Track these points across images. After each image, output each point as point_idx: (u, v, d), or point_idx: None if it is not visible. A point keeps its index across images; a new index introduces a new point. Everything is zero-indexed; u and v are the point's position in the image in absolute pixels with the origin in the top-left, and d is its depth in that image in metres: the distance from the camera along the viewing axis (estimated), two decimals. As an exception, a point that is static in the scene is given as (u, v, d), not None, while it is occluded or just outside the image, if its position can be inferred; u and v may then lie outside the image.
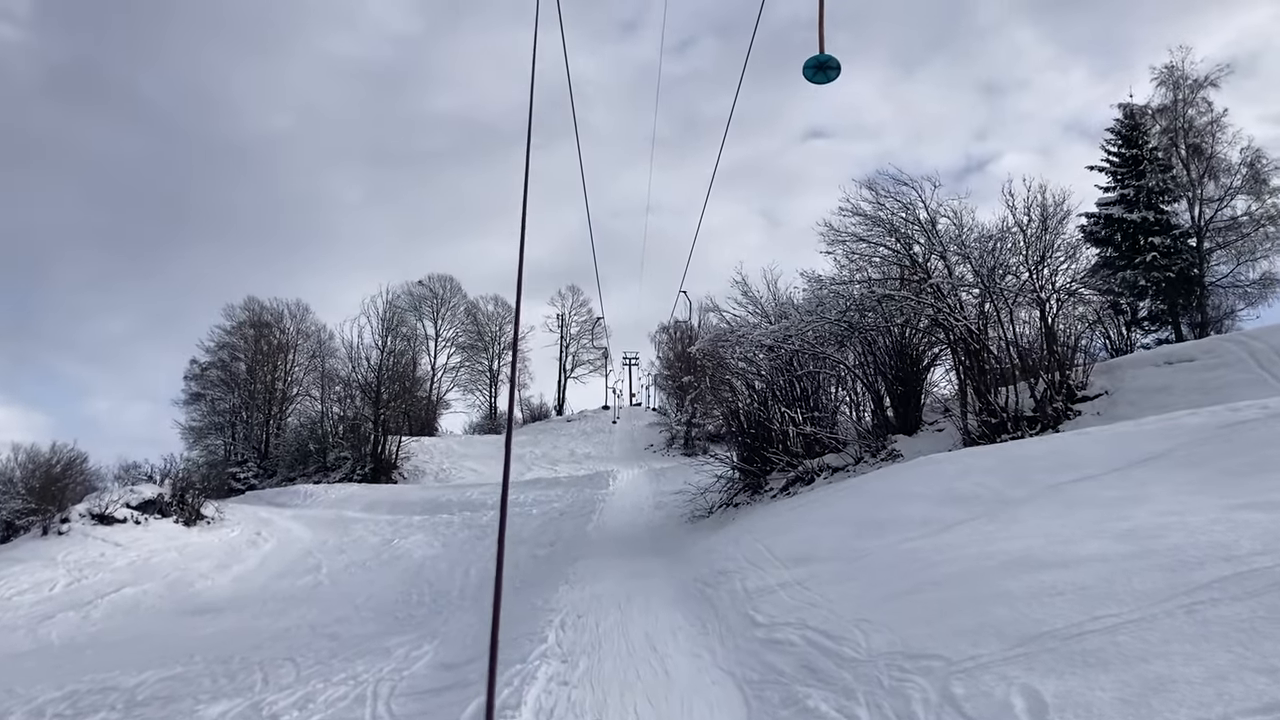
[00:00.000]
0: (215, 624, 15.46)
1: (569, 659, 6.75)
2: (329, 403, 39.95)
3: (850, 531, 8.64)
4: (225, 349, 43.77)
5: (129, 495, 23.42)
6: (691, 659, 6.59)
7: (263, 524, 24.99)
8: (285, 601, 16.82)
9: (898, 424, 14.24)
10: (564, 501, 23.39)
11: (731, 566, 9.20)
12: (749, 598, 7.84)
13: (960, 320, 12.83)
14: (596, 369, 60.40)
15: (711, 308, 16.16)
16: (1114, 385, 12.51)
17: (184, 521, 23.50)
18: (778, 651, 6.09)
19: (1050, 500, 7.52)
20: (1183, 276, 21.96)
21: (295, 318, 43.91)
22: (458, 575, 17.32)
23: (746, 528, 11.61)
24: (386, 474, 35.94)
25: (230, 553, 21.79)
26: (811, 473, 14.11)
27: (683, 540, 14.29)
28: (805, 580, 7.64)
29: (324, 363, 41.44)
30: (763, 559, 9.00)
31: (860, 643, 5.56)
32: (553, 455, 41.73)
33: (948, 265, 13.53)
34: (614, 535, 16.60)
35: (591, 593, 9.78)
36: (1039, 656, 4.25)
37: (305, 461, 38.39)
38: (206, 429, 42.31)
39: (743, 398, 16.11)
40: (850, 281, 14.15)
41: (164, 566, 19.89)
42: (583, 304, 60.53)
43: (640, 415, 52.16)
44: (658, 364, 52.17)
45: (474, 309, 58.36)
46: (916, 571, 6.62)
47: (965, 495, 8.32)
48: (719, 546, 10.96)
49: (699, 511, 16.30)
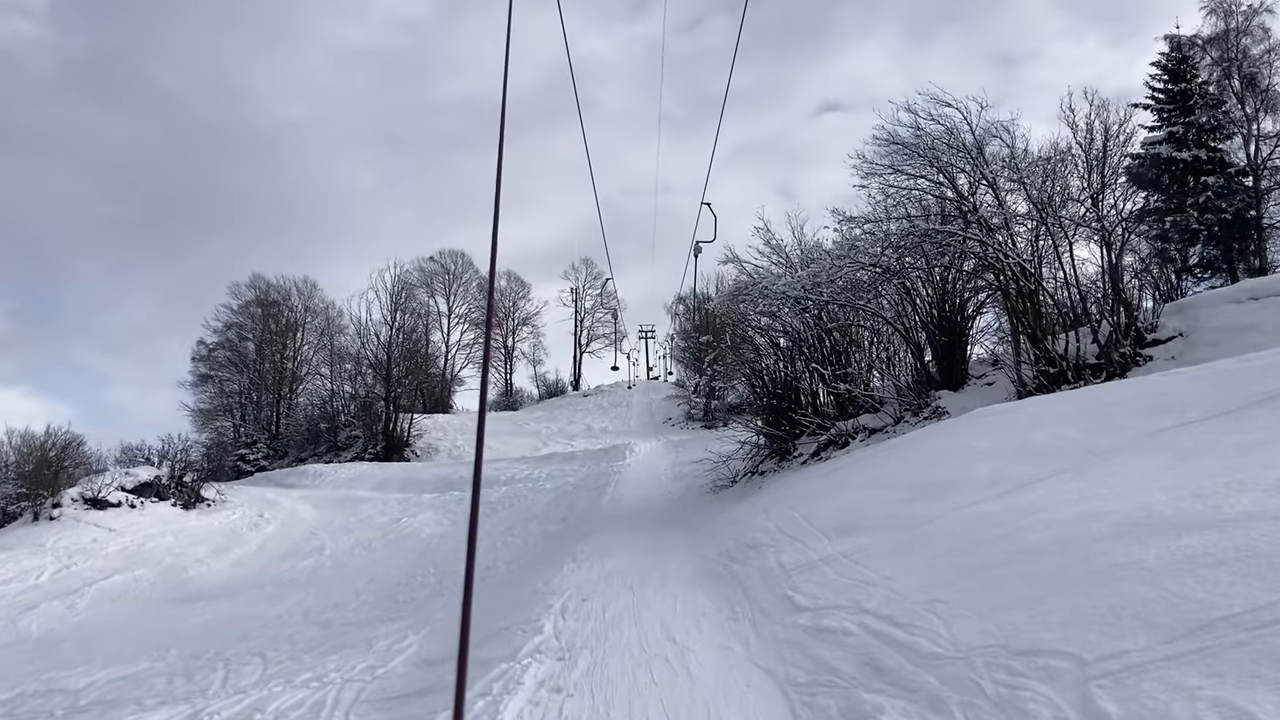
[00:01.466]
0: (205, 612, 14.65)
1: (567, 655, 5.48)
2: (339, 381, 38.90)
3: (902, 495, 7.31)
4: (233, 329, 42.77)
5: (124, 478, 22.47)
6: (719, 653, 5.31)
7: (267, 505, 24.13)
8: (283, 586, 16.06)
9: (941, 379, 12.84)
10: (578, 475, 22.20)
11: (762, 539, 7.90)
12: (786, 575, 6.55)
13: (1012, 256, 11.36)
14: (612, 343, 58.89)
15: (730, 258, 14.75)
16: (1188, 326, 11.07)
17: (182, 504, 22.63)
18: (829, 643, 4.80)
19: (1152, 450, 6.16)
20: (1239, 219, 20.27)
21: (303, 295, 42.82)
22: (462, 555, 16.33)
23: (776, 496, 10.29)
24: (399, 452, 34.93)
25: (230, 536, 20.98)
26: (845, 435, 12.78)
27: (704, 511, 13.02)
28: (853, 553, 6.34)
29: (333, 340, 40.35)
30: (799, 529, 7.69)
31: (940, 632, 4.26)
32: (569, 430, 40.56)
33: (998, 196, 12.04)
34: (629, 508, 15.33)
35: (601, 571, 8.51)
36: (1225, 655, 2.93)
37: (316, 441, 37.42)
38: (215, 411, 41.36)
39: (767, 356, 14.73)
40: (886, 219, 12.67)
41: (158, 552, 19.05)
42: (597, 277, 58.77)
43: (658, 389, 50.78)
44: (675, 336, 50.60)
45: (487, 284, 56.79)
46: (997, 539, 5.30)
47: (1041, 448, 6.97)
48: (746, 517, 9.66)
49: (721, 481, 15.00)
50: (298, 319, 42.36)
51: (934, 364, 13.13)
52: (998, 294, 12.44)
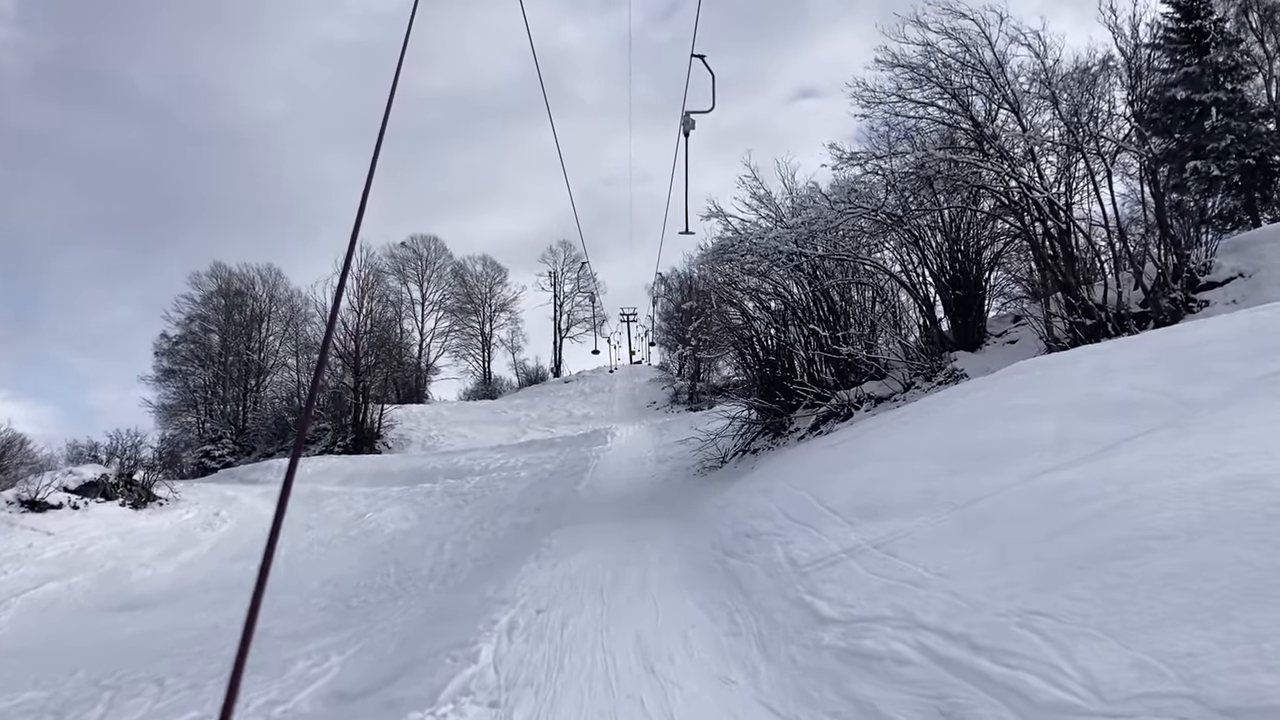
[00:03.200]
0: (139, 622, 13.37)
1: (503, 698, 3.93)
2: (305, 372, 37.07)
3: (940, 467, 5.78)
4: (196, 321, 40.79)
5: (66, 478, 20.77)
6: (717, 690, 3.77)
7: (225, 503, 22.57)
8: (229, 590, 14.77)
9: (955, 339, 11.31)
10: (556, 462, 20.71)
11: (764, 526, 6.36)
12: (800, 573, 5.01)
13: (1040, 191, 9.77)
14: (592, 328, 57.07)
15: (714, 212, 13.07)
16: (1250, 265, 9.59)
17: (131, 504, 20.99)
18: (877, 676, 3.28)
19: (1271, 397, 4.68)
20: (1262, 165, 18.81)
21: (268, 283, 40.80)
22: (429, 552, 15.14)
23: (777, 473, 8.72)
24: (369, 444, 33.25)
25: (182, 537, 19.50)
26: (847, 406, 11.28)
27: (692, 495, 11.50)
28: (888, 542, 4.81)
29: (297, 330, 38.45)
30: (810, 512, 6.15)
31: (1058, 665, 2.73)
32: (549, 418, 38.97)
33: (1021, 121, 10.39)
34: (608, 494, 13.75)
35: (567, 570, 6.95)
36: None
37: (284, 435, 35.67)
38: (179, 406, 39.43)
39: (757, 321, 13.14)
40: (890, 154, 10.96)
41: (100, 556, 17.55)
42: (575, 259, 56.80)
43: (641, 373, 49.12)
44: (655, 318, 48.85)
45: (461, 269, 54.74)
46: (1094, 520, 3.78)
47: (1119, 402, 5.45)
48: (741, 499, 8.11)
49: (710, 461, 13.46)
50: (263, 309, 40.42)
51: (946, 322, 11.59)
52: (1020, 239, 10.89)
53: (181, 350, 40.41)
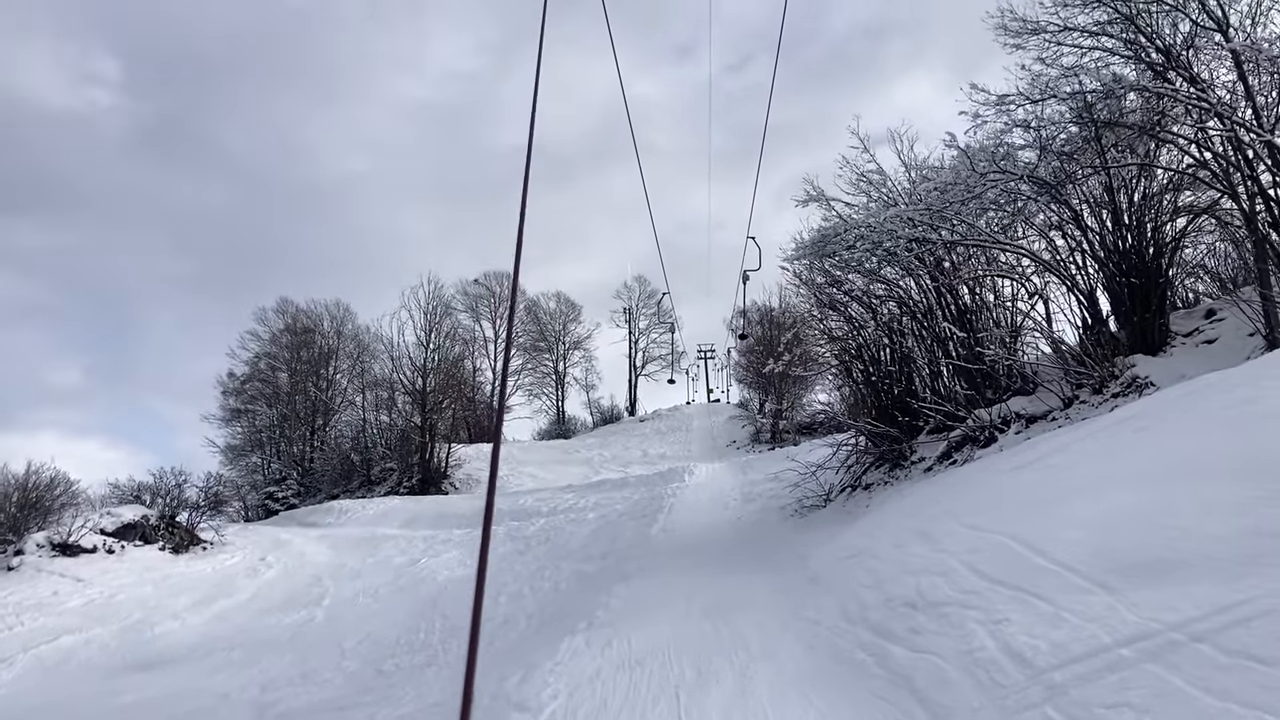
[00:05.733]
0: (151, 685, 11.94)
1: None
2: (374, 410, 35.74)
3: (1257, 490, 3.39)
4: (264, 359, 40.07)
5: (104, 520, 19.37)
6: None
7: (274, 547, 21.03)
8: (258, 647, 13.20)
9: (1128, 340, 8.69)
10: (628, 503, 18.55)
11: (941, 589, 4.03)
12: (1046, 685, 2.72)
13: (1259, 132, 7.18)
14: (669, 364, 54.82)
15: (814, 195, 10.73)
16: None
17: (171, 548, 19.51)
18: None
19: None
20: None
21: (335, 320, 39.80)
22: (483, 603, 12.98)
23: (920, 511, 6.31)
24: (436, 485, 31.66)
25: (221, 584, 17.92)
26: (988, 428, 8.83)
27: (793, 541, 9.15)
28: (1215, 630, 2.47)
29: (363, 367, 37.21)
30: (1023, 568, 3.81)
31: None
32: (624, 457, 36.91)
33: (1239, 63, 7.61)
34: (686, 540, 11.42)
35: (624, 653, 4.69)
36: None
37: (349, 476, 34.35)
38: (245, 447, 38.48)
39: (865, 329, 10.61)
40: (1048, 96, 8.27)
41: (128, 605, 16.02)
42: (651, 295, 54.82)
43: (719, 410, 46.71)
44: (735, 353, 46.38)
45: (534, 307, 53.28)
46: None
47: None
48: (879, 546, 5.74)
49: (810, 500, 11.07)
50: (330, 346, 39.41)
51: (1113, 318, 8.96)
52: (1214, 211, 8.30)
53: (249, 389, 39.68)
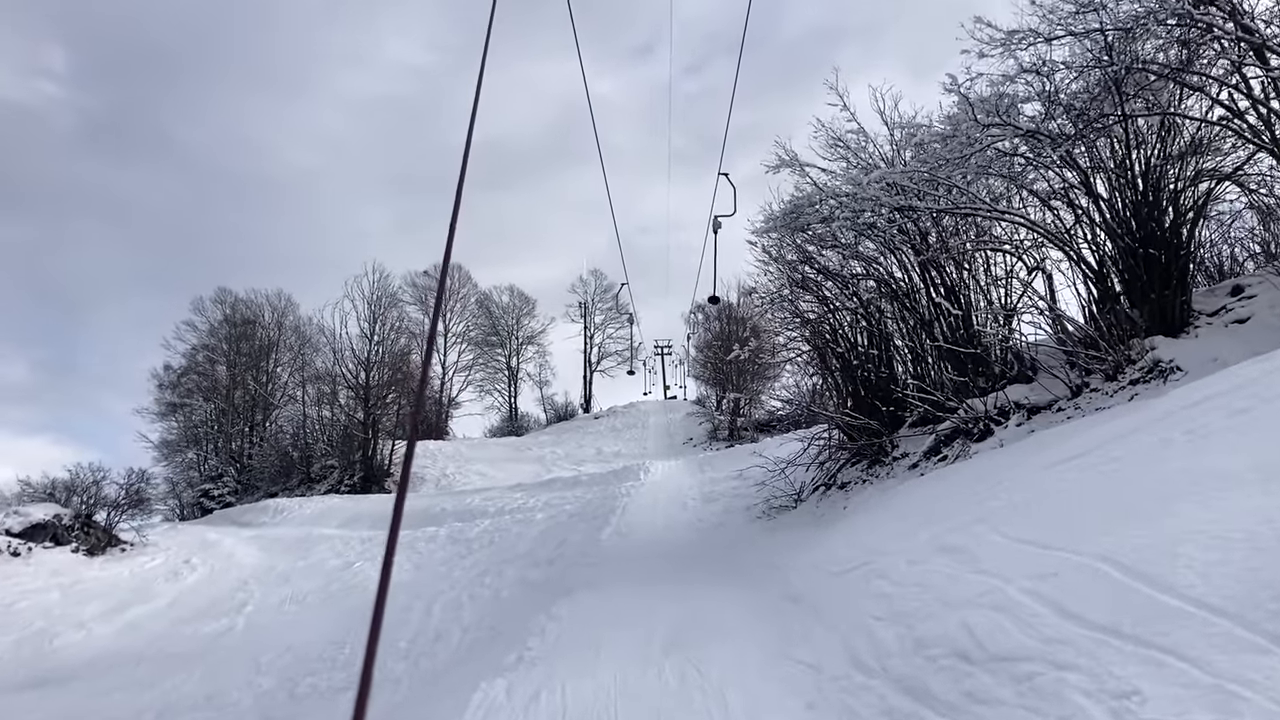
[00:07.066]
0: (39, 707, 10.81)
1: None
2: (314, 405, 34.22)
3: None
4: (201, 352, 38.25)
5: (11, 519, 17.89)
6: None
7: (202, 548, 19.68)
8: (166, 662, 12.28)
9: (1145, 319, 7.79)
10: (579, 502, 17.54)
11: (1008, 633, 3.03)
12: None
13: None
14: (626, 359, 53.72)
15: (787, 159, 9.77)
16: None
17: (86, 550, 18.13)
18: None
19: None
20: None
21: (276, 310, 38.12)
22: (415, 615, 12.23)
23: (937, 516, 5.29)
24: (379, 482, 30.42)
25: (138, 589, 16.66)
26: (983, 420, 7.99)
27: (762, 546, 8.21)
28: None
29: (305, 360, 35.63)
30: (1131, 605, 2.85)
31: None
32: (577, 455, 35.88)
33: None
34: (641, 544, 10.39)
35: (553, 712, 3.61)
36: None
37: (289, 474, 32.83)
38: (180, 442, 36.65)
39: (841, 311, 9.68)
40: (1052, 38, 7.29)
41: (29, 614, 14.77)
42: (607, 289, 53.75)
43: (676, 407, 45.87)
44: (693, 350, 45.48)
45: (486, 300, 51.99)
46: None
47: None
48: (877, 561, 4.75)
49: (779, 500, 10.15)
50: (271, 338, 37.72)
51: (1124, 297, 8.11)
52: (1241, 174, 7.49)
53: (186, 383, 37.85)
